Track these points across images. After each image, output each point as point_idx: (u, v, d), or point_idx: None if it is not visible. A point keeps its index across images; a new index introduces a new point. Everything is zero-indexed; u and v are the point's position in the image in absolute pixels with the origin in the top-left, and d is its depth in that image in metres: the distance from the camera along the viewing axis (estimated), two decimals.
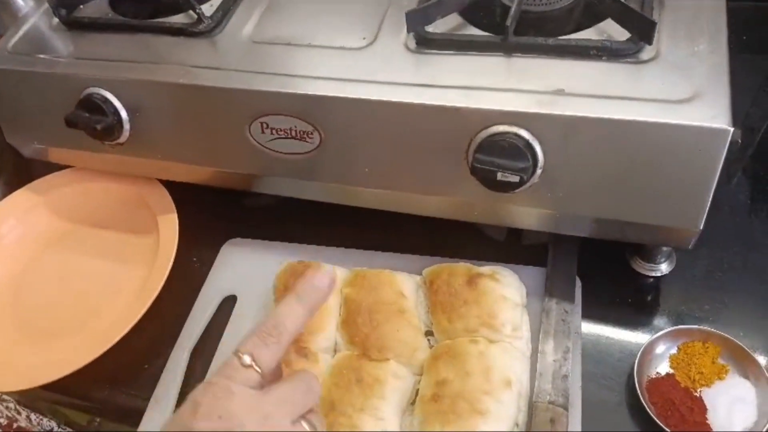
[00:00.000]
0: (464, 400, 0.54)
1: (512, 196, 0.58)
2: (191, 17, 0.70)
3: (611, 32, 0.57)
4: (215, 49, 0.68)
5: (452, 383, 0.55)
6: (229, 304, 0.72)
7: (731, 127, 0.49)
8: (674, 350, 0.61)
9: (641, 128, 0.51)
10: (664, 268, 0.66)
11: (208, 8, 0.70)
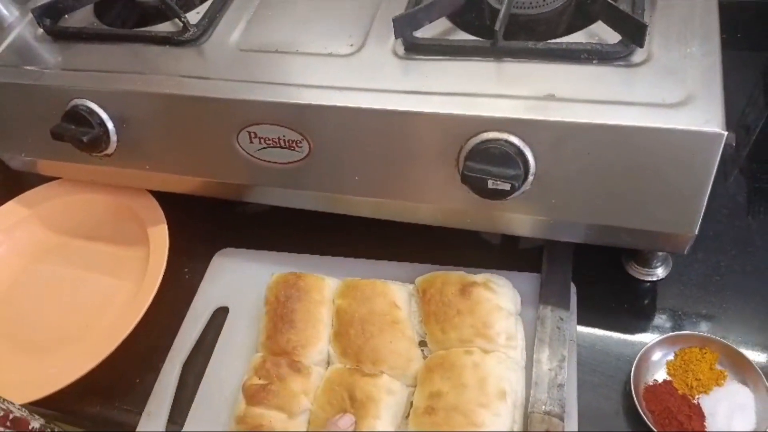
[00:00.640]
0: (459, 412, 0.53)
1: (504, 203, 0.57)
2: (177, 26, 0.69)
3: (602, 35, 0.56)
4: (202, 57, 0.67)
5: (447, 395, 0.55)
6: (220, 315, 0.71)
7: (725, 131, 0.48)
8: (671, 357, 0.60)
9: (633, 133, 0.50)
10: (660, 272, 0.65)
11: (194, 16, 0.69)
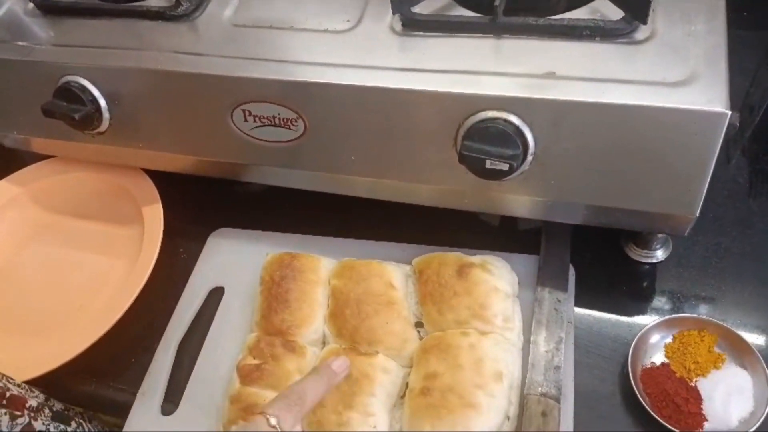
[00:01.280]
0: (455, 393, 0.53)
1: (502, 184, 0.56)
2: (170, 0, 0.67)
3: (604, 11, 0.55)
4: (195, 33, 0.65)
5: (442, 376, 0.54)
6: (216, 295, 0.70)
7: (729, 110, 0.47)
8: (669, 339, 0.59)
9: (635, 112, 0.49)
10: (659, 254, 0.65)
11: None
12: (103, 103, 0.66)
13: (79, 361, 0.64)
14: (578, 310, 0.62)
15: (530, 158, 0.54)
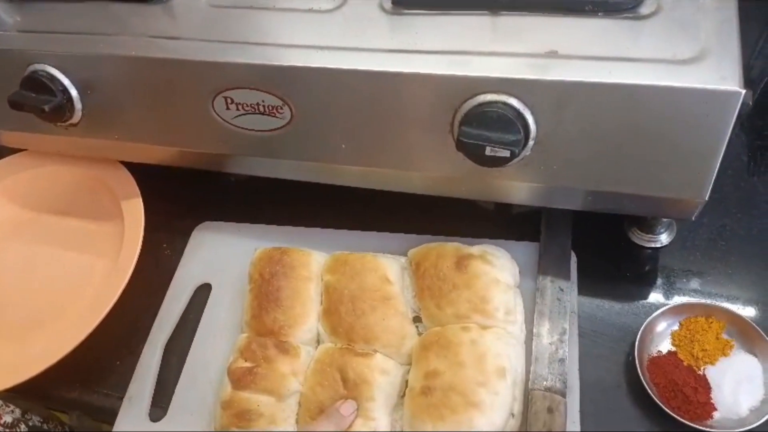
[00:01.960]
0: (457, 392, 0.51)
1: (502, 170, 0.53)
2: None
3: None
4: (171, 15, 0.61)
5: (443, 375, 0.52)
6: (203, 292, 0.68)
7: (742, 88, 0.44)
8: (676, 327, 0.57)
9: (643, 93, 0.46)
10: (663, 239, 0.63)
11: None
12: (74, 93, 0.63)
13: (61, 366, 0.61)
14: (581, 298, 0.60)
15: (531, 143, 0.51)
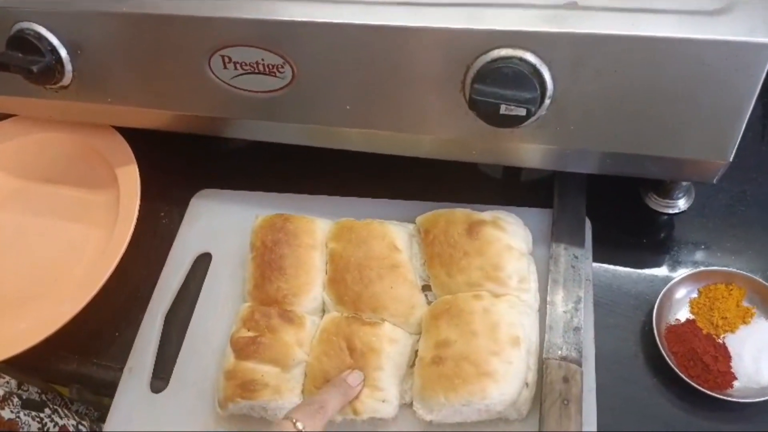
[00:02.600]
0: (469, 362, 0.49)
1: (515, 132, 0.51)
2: None
3: None
4: None
5: (455, 344, 0.50)
6: (202, 262, 0.66)
7: None
8: (695, 294, 0.56)
9: (667, 46, 0.44)
10: (681, 204, 0.61)
11: None
12: (63, 53, 0.60)
13: (57, 338, 0.60)
14: (596, 266, 0.58)
15: (548, 102, 0.48)
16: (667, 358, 0.52)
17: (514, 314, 0.51)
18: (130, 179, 0.67)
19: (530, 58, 0.46)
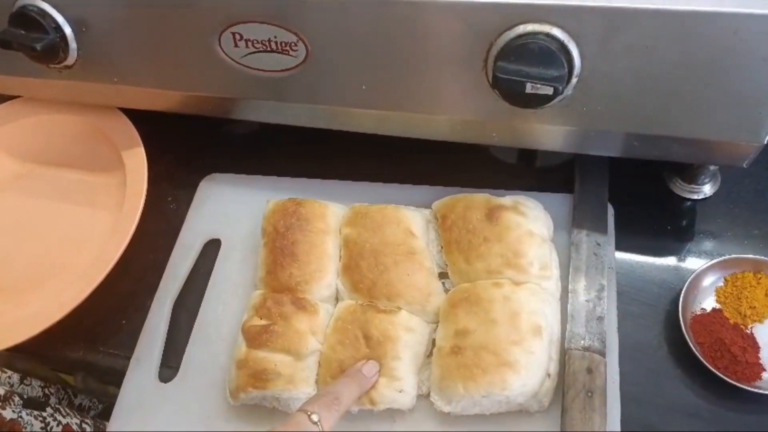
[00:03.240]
0: (489, 351, 0.47)
1: (538, 112, 0.49)
2: None
3: None
4: None
5: (475, 333, 0.48)
6: (212, 248, 0.64)
7: None
8: (721, 283, 0.54)
9: (702, 20, 0.41)
10: (707, 189, 0.59)
11: None
12: (68, 30, 0.58)
13: (63, 325, 0.58)
14: (619, 254, 0.56)
15: (575, 80, 0.46)
16: (693, 348, 0.50)
17: (535, 302, 0.50)
18: (136, 162, 0.65)
19: (558, 33, 0.44)
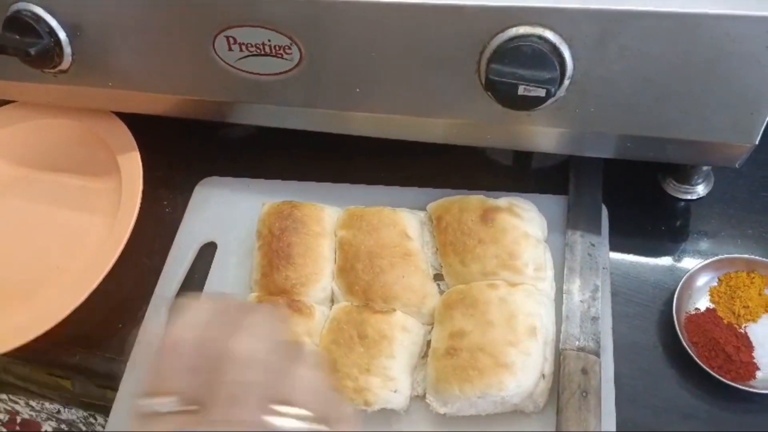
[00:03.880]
0: (485, 353, 0.47)
1: (532, 114, 0.49)
2: None
3: None
4: None
5: (471, 335, 0.48)
6: (208, 251, 0.64)
7: None
8: (715, 283, 0.54)
9: (698, 22, 0.42)
10: (701, 189, 0.59)
11: None
12: (62, 35, 0.58)
13: (59, 329, 0.58)
14: (613, 254, 0.56)
15: (567, 82, 0.46)
16: (687, 348, 0.50)
17: (531, 304, 0.50)
18: (132, 166, 0.65)
19: (550, 36, 0.44)
